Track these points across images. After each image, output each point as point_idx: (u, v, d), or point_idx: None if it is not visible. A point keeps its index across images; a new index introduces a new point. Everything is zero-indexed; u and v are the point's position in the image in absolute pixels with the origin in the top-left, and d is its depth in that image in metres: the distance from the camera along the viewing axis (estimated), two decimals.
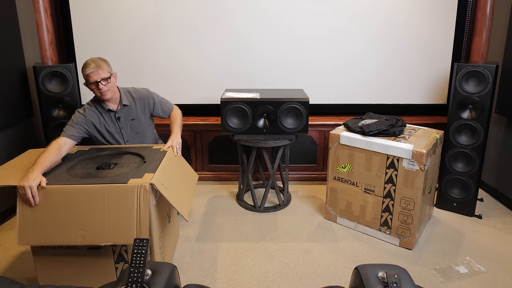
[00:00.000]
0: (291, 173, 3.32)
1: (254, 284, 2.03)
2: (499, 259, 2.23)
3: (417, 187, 2.23)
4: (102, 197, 1.71)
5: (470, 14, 3.13)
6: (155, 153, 2.11)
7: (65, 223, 1.72)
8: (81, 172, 1.94)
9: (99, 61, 2.19)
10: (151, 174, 1.80)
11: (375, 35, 3.19)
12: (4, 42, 2.60)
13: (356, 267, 1.15)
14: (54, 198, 1.73)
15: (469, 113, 2.60)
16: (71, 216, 1.72)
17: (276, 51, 3.23)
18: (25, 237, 1.72)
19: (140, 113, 2.36)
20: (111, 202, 1.71)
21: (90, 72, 2.14)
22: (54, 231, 1.72)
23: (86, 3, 3.14)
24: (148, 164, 1.96)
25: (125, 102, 2.30)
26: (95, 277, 1.89)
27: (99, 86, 2.15)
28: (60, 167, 1.98)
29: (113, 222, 1.71)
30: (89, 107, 2.27)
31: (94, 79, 2.14)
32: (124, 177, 1.78)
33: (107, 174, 1.88)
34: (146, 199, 1.71)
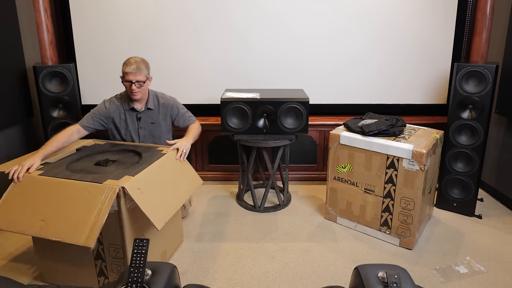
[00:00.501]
0: (291, 173, 3.32)
1: (254, 284, 2.03)
2: (499, 259, 2.23)
3: (417, 187, 2.23)
4: (76, 193, 1.73)
5: (470, 14, 3.13)
6: (154, 154, 2.12)
7: (32, 212, 1.74)
8: (79, 166, 1.98)
9: (140, 63, 2.26)
10: (130, 177, 1.80)
11: (375, 34, 3.19)
12: (4, 42, 2.61)
13: (356, 267, 1.15)
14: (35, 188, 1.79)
15: (469, 113, 2.60)
16: (40, 206, 1.74)
17: (276, 51, 3.23)
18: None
19: (161, 118, 2.42)
20: (82, 200, 1.72)
21: (130, 71, 2.22)
22: (20, 218, 1.74)
23: (86, 3, 3.14)
24: (139, 165, 1.96)
25: (150, 106, 2.38)
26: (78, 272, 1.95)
27: (133, 86, 2.24)
28: (66, 158, 2.05)
29: (71, 219, 1.69)
30: (115, 100, 2.37)
31: (130, 79, 2.23)
32: (104, 177, 1.79)
33: (98, 171, 1.90)
34: (110, 202, 1.68)
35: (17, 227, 1.75)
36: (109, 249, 1.88)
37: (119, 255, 1.87)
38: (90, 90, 3.33)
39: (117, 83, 3.32)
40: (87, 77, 3.30)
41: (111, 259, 1.89)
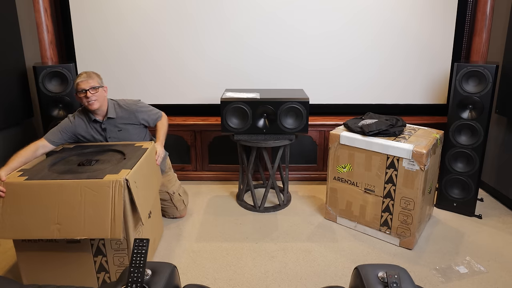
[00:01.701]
0: (291, 173, 3.32)
1: (254, 284, 2.03)
2: (499, 259, 2.23)
3: (417, 187, 2.23)
4: (78, 192, 1.74)
5: (470, 14, 3.13)
6: (136, 150, 2.14)
7: (41, 217, 1.75)
8: (62, 168, 1.97)
9: (90, 73, 2.26)
10: (128, 170, 1.83)
11: (375, 34, 3.19)
12: (4, 42, 2.60)
13: (356, 267, 1.15)
14: (31, 193, 1.76)
15: (469, 113, 2.60)
16: (48, 210, 1.75)
17: (276, 51, 3.23)
18: (3, 231, 1.75)
19: (127, 124, 2.39)
20: (87, 197, 1.74)
21: (80, 80, 2.20)
22: (31, 225, 1.75)
23: (86, 3, 3.14)
24: (127, 160, 1.98)
25: (110, 115, 2.33)
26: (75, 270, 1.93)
27: (87, 94, 2.19)
28: (43, 163, 2.02)
29: (88, 217, 1.73)
30: (78, 115, 2.33)
31: (82, 87, 2.19)
32: (101, 173, 1.81)
33: (86, 170, 1.90)
34: (121, 195, 1.73)
35: (33, 234, 1.76)
36: (111, 243, 1.88)
37: (122, 247, 1.89)
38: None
39: (117, 83, 3.34)
40: None
41: (113, 252, 1.91)
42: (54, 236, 1.74)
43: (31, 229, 1.75)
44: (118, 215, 1.73)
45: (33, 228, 1.75)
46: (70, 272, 1.93)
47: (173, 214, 2.67)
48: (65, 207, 1.74)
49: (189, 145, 3.29)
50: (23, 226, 1.75)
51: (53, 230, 1.74)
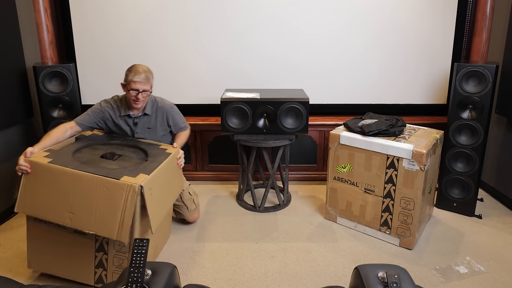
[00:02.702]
0: (291, 173, 3.32)
1: (254, 284, 2.03)
2: (499, 259, 2.23)
3: (417, 187, 2.23)
4: (94, 187, 1.77)
5: (470, 14, 3.13)
6: (159, 153, 2.12)
7: (57, 202, 1.80)
8: (85, 156, 1.98)
9: (148, 73, 2.24)
10: (145, 176, 1.81)
11: (375, 34, 3.19)
12: (4, 42, 2.60)
13: (356, 267, 1.15)
14: (52, 177, 1.81)
15: (469, 113, 2.60)
16: (64, 197, 1.79)
17: (276, 51, 3.23)
18: (23, 205, 1.84)
19: (158, 124, 2.39)
20: (102, 194, 1.76)
21: (138, 80, 2.18)
22: (47, 207, 1.81)
23: (86, 3, 3.14)
24: (149, 163, 1.96)
25: (147, 111, 2.34)
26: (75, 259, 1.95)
27: (139, 96, 2.20)
28: (69, 147, 2.04)
29: (99, 213, 1.76)
30: (112, 103, 2.33)
31: (137, 88, 2.18)
32: (119, 173, 1.81)
33: (107, 165, 1.90)
34: (133, 201, 1.73)
35: (48, 215, 1.82)
36: (115, 243, 1.89)
37: (124, 249, 1.89)
38: (90, 90, 3.33)
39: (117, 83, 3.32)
40: (87, 77, 3.30)
41: (114, 252, 1.91)
42: (66, 223, 1.79)
43: (46, 210, 1.81)
44: (127, 220, 1.73)
45: (48, 210, 1.81)
46: (70, 260, 1.95)
47: (184, 215, 2.55)
48: (80, 198, 1.77)
49: (189, 145, 3.29)
50: (39, 206, 1.82)
51: (65, 217, 1.78)
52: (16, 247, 2.36)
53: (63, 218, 1.79)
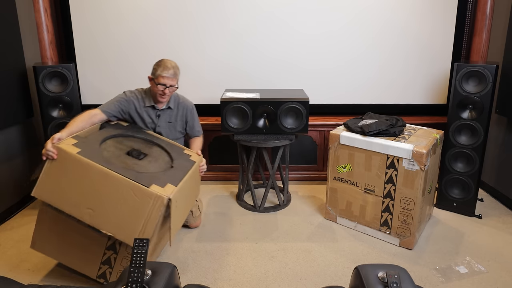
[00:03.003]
0: (291, 173, 3.32)
1: (254, 284, 2.03)
2: (499, 259, 2.23)
3: (417, 187, 2.23)
4: (121, 189, 1.72)
5: (470, 14, 3.13)
6: (184, 159, 2.10)
7: (79, 195, 1.74)
8: (111, 151, 1.93)
9: (177, 69, 2.29)
10: (173, 187, 1.79)
11: (375, 34, 3.19)
12: (4, 42, 2.60)
13: (356, 267, 1.15)
14: (78, 169, 1.74)
15: (469, 113, 2.60)
16: (87, 192, 1.74)
17: (276, 51, 3.23)
18: (41, 191, 1.77)
19: (178, 118, 2.43)
20: (127, 198, 1.72)
21: (167, 76, 2.23)
22: (67, 198, 1.75)
23: (86, 3, 3.14)
24: (175, 171, 1.94)
25: (171, 105, 2.39)
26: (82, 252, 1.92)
27: (166, 91, 2.25)
28: (96, 135, 2.00)
29: (121, 216, 1.72)
30: (137, 94, 2.35)
31: (165, 82, 2.23)
32: (148, 180, 1.77)
33: (134, 166, 1.86)
34: (158, 212, 1.71)
35: (66, 207, 1.76)
36: (127, 246, 1.88)
37: None
38: (90, 90, 3.33)
39: (117, 83, 3.33)
40: (87, 77, 3.30)
41: (125, 254, 1.90)
42: (83, 219, 1.75)
43: (65, 201, 1.76)
44: (149, 229, 1.71)
45: (67, 202, 1.75)
46: (77, 250, 1.92)
47: (188, 220, 2.52)
48: (104, 197, 1.73)
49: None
50: (59, 195, 1.76)
51: (84, 212, 1.74)
52: (16, 247, 2.36)
53: (81, 213, 1.74)
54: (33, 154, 3.02)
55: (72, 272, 2.11)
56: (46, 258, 2.24)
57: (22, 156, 2.89)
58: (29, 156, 2.96)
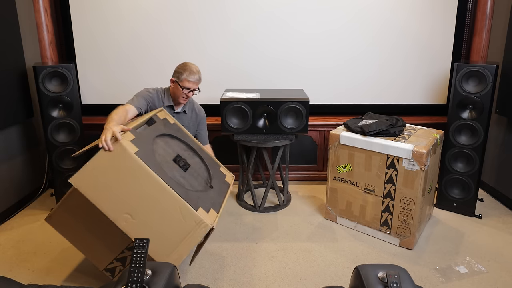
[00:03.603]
0: (291, 173, 3.32)
1: (254, 284, 2.03)
2: (499, 259, 2.23)
3: (417, 187, 2.23)
4: (170, 205, 1.65)
5: (470, 14, 3.13)
6: (220, 179, 2.07)
7: (122, 197, 1.63)
8: (162, 154, 1.83)
9: (200, 74, 2.36)
10: (215, 214, 1.76)
11: (375, 34, 3.19)
12: (4, 42, 2.60)
13: (356, 267, 1.15)
14: (132, 171, 1.62)
15: (469, 113, 2.60)
16: (132, 197, 1.63)
17: (276, 51, 3.23)
18: (80, 180, 1.61)
19: (191, 124, 2.47)
20: (172, 215, 1.65)
21: (194, 80, 2.28)
22: (107, 196, 1.63)
23: (86, 3, 3.14)
24: (215, 193, 1.91)
25: (187, 110, 2.44)
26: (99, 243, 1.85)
27: (190, 94, 2.30)
28: (148, 132, 1.87)
29: (158, 231, 1.65)
30: (158, 91, 2.37)
31: (191, 87, 2.29)
32: (195, 200, 1.72)
33: (181, 180, 1.79)
34: (198, 237, 1.67)
35: (102, 204, 1.62)
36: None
37: None
38: (90, 90, 3.33)
39: (117, 83, 3.33)
40: (87, 77, 3.30)
41: None
42: (117, 222, 1.63)
43: (103, 199, 1.63)
44: (184, 250, 1.66)
45: (106, 200, 1.62)
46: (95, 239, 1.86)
47: None
48: (148, 207, 1.64)
49: None
50: (99, 191, 1.62)
51: (121, 217, 1.63)
52: (16, 247, 2.36)
53: (117, 217, 1.62)
54: (33, 154, 3.02)
55: (72, 272, 2.11)
56: (46, 258, 2.24)
57: (22, 156, 2.89)
58: (29, 156, 2.96)
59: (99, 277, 2.07)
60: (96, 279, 2.06)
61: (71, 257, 2.24)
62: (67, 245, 2.37)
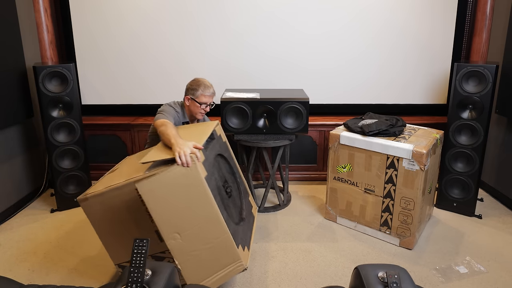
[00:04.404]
0: (291, 173, 3.32)
1: (254, 284, 2.03)
2: (499, 259, 2.23)
3: (417, 187, 2.23)
4: (219, 237, 1.68)
5: (470, 14, 3.13)
6: (248, 209, 2.10)
7: (179, 215, 1.62)
8: (216, 178, 1.85)
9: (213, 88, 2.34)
10: (248, 253, 1.82)
11: (375, 34, 3.19)
12: (4, 42, 2.60)
13: (356, 267, 1.15)
14: (197, 194, 1.62)
15: (469, 113, 2.60)
16: (187, 218, 1.63)
17: (276, 51, 3.23)
18: (147, 188, 1.58)
19: None
20: (219, 247, 1.68)
21: (209, 94, 2.28)
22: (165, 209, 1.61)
23: (86, 3, 3.14)
24: (246, 227, 1.94)
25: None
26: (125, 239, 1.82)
27: (206, 108, 2.29)
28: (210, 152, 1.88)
29: (198, 257, 1.67)
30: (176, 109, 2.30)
31: (207, 101, 2.29)
32: (236, 235, 1.76)
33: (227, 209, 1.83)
34: (232, 274, 1.73)
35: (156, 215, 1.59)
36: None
37: None
38: (90, 90, 3.33)
39: (117, 83, 3.33)
40: (87, 77, 3.30)
41: None
42: (166, 239, 1.62)
43: (161, 212, 1.61)
44: (216, 283, 1.70)
45: (163, 214, 1.61)
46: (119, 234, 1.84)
47: None
48: (198, 232, 1.64)
49: None
50: (160, 203, 1.60)
51: (171, 234, 1.62)
52: (16, 247, 2.36)
53: (168, 233, 1.61)
54: (33, 154, 3.02)
55: (72, 272, 2.11)
56: (46, 258, 2.24)
57: (22, 156, 2.89)
58: (29, 156, 2.96)
59: (99, 277, 2.07)
60: (96, 279, 2.06)
61: (71, 257, 2.25)
62: (67, 245, 2.37)
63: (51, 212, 2.79)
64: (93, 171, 3.13)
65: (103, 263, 2.18)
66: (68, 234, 2.50)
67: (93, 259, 2.23)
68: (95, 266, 2.16)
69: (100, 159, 3.30)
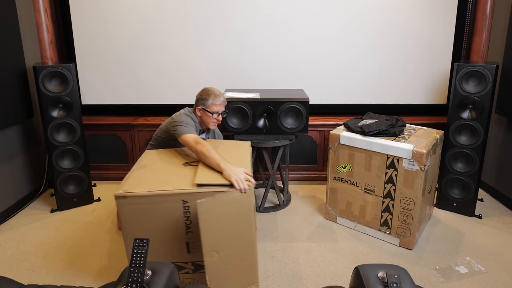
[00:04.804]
0: (291, 173, 3.32)
1: None
2: (499, 259, 2.23)
3: (417, 187, 2.23)
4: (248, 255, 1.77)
5: (470, 14, 3.13)
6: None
7: (221, 235, 1.69)
8: None
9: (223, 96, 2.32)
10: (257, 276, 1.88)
11: (375, 34, 3.19)
12: (4, 42, 2.60)
13: (356, 267, 1.15)
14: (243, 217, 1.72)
15: (469, 113, 2.60)
16: (228, 238, 1.70)
17: (276, 51, 3.23)
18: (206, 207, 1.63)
19: None
20: (245, 266, 1.77)
21: (220, 103, 2.28)
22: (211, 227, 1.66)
23: (86, 3, 3.14)
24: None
25: (210, 136, 2.47)
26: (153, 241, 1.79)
27: (219, 117, 2.27)
28: None
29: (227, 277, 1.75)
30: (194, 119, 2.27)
31: (218, 110, 2.27)
32: None
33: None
34: None
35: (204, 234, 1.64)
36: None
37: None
38: (90, 90, 3.33)
39: (117, 83, 3.33)
40: (87, 77, 3.30)
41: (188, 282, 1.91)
42: (205, 255, 1.66)
43: (208, 230, 1.66)
44: None
45: (210, 231, 1.65)
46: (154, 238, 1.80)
47: None
48: (233, 253, 1.72)
49: None
50: (211, 221, 1.64)
51: (211, 251, 1.67)
52: (16, 247, 2.36)
53: (209, 250, 1.66)
54: (33, 154, 3.02)
55: (72, 273, 2.11)
56: (46, 258, 2.24)
57: (22, 156, 2.89)
58: (29, 156, 2.96)
59: (99, 277, 2.07)
60: (96, 279, 2.06)
61: (71, 257, 2.25)
62: (67, 245, 2.37)
63: (51, 212, 2.79)
64: (93, 171, 3.13)
65: (103, 263, 2.18)
66: (68, 234, 2.50)
67: (94, 259, 2.23)
68: (95, 266, 2.17)
69: (100, 159, 3.30)
